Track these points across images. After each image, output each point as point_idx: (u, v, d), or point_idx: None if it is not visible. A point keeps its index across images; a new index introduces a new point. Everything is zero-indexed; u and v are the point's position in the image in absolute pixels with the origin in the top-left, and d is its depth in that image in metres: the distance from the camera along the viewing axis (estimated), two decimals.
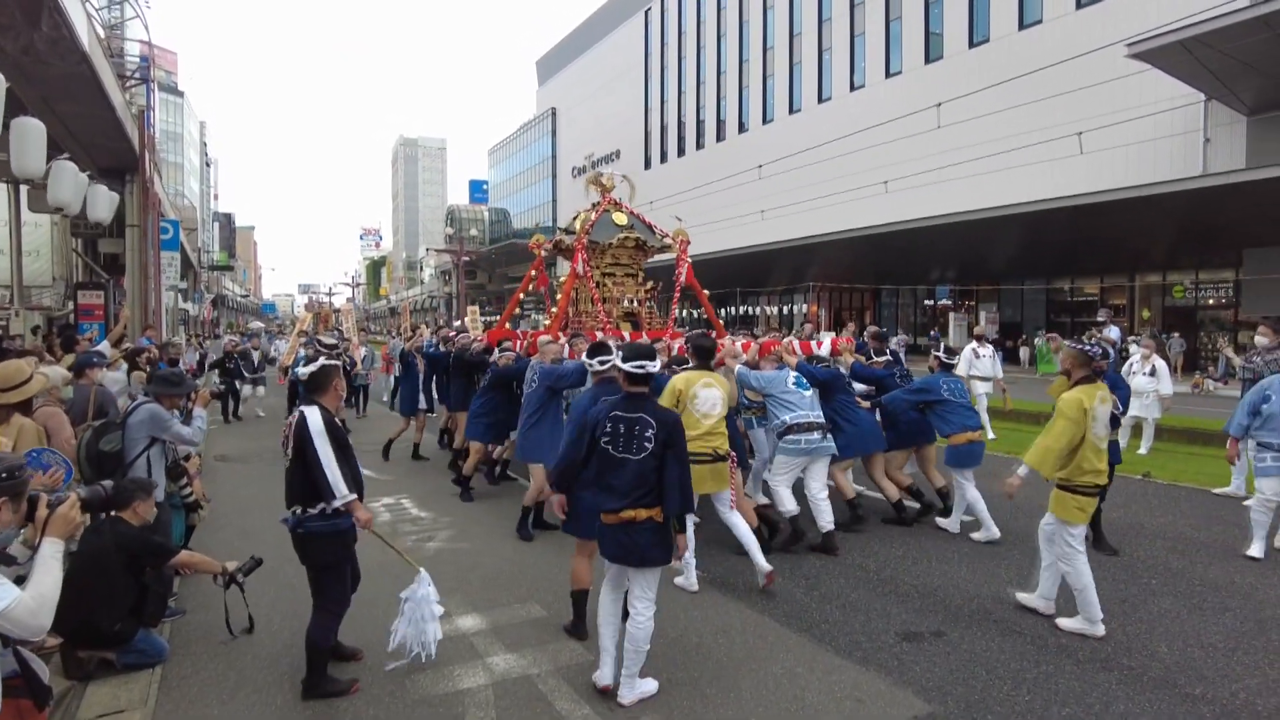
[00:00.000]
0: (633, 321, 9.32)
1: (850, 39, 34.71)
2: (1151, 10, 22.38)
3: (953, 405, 6.64)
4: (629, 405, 3.84)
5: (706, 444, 5.26)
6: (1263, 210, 18.65)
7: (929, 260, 29.81)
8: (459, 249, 44.32)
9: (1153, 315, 25.94)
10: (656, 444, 3.71)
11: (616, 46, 54.01)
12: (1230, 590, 5.28)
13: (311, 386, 4.06)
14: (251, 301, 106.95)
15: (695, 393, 5.31)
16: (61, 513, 2.67)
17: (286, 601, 5.20)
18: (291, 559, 5.71)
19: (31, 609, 2.40)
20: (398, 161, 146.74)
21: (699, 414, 5.27)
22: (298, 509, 3.87)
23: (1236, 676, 4.04)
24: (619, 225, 9.30)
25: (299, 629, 4.73)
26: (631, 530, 3.71)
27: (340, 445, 3.88)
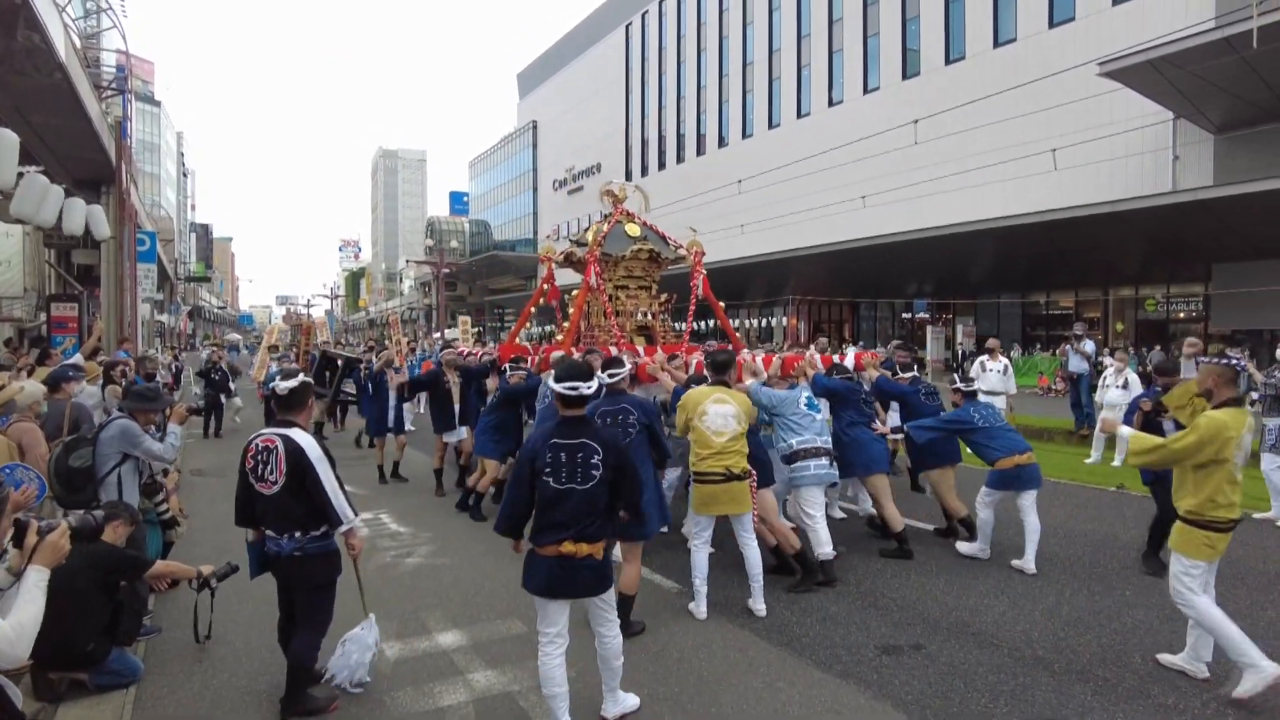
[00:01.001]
0: (646, 335, 9.06)
1: (829, 55, 35.13)
2: (1120, 30, 22.90)
3: (991, 431, 6.29)
4: (567, 431, 3.55)
5: (718, 463, 5.01)
6: (1230, 226, 19.06)
7: (907, 274, 30.13)
8: (439, 261, 44.15)
9: (1126, 328, 26.35)
10: (605, 469, 3.48)
11: (597, 60, 54.30)
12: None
13: (289, 404, 3.96)
14: (229, 313, 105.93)
15: (705, 409, 5.09)
16: (51, 540, 2.64)
17: (264, 618, 5.14)
18: (271, 578, 5.65)
19: (10, 639, 2.37)
20: (377, 173, 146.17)
21: (710, 431, 5.05)
22: (296, 533, 3.78)
23: (1207, 686, 4.10)
24: (632, 237, 9.04)
25: (276, 647, 4.70)
26: (567, 565, 3.45)
27: (334, 467, 3.88)
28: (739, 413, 5.12)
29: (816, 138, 32.24)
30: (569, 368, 3.64)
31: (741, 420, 5.11)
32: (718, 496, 5.05)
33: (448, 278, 58.72)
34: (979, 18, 28.38)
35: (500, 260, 65.65)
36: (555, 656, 3.52)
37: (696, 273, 9.28)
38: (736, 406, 5.14)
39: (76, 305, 16.88)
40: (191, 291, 73.69)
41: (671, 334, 9.43)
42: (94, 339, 9.71)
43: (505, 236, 71.14)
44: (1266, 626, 4.90)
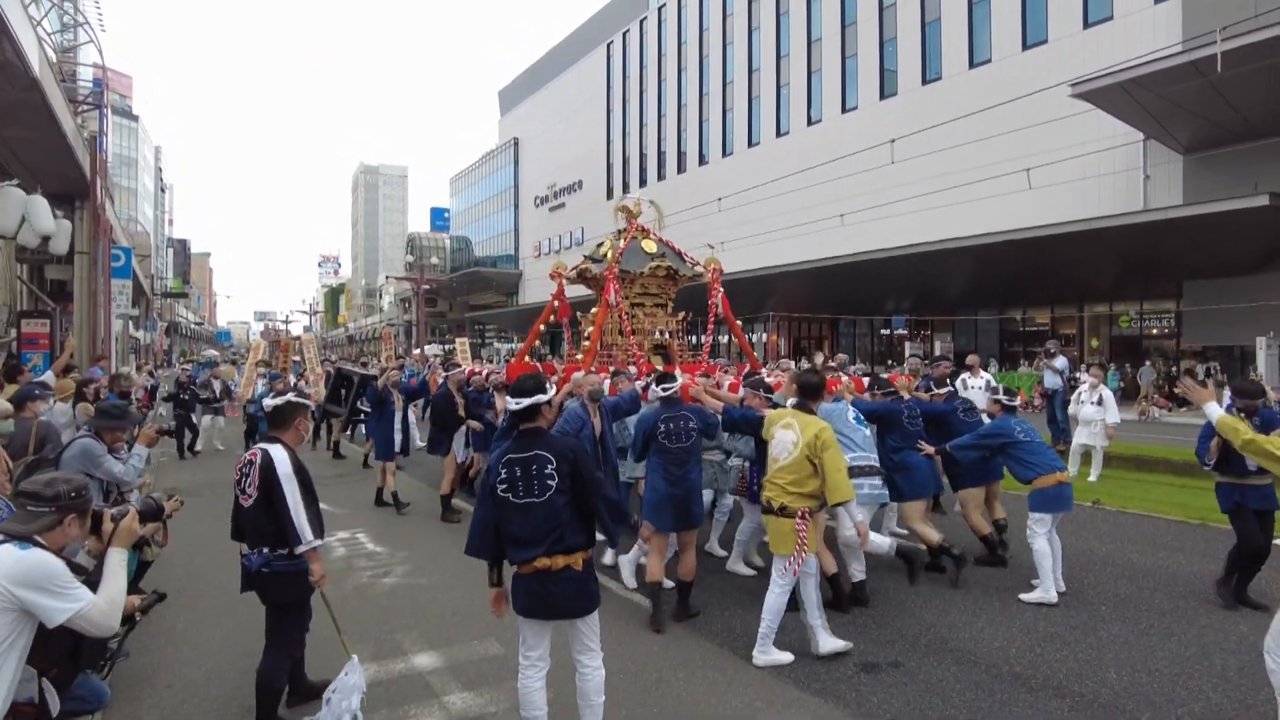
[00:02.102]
0: (663, 354, 8.85)
1: (808, 75, 35.55)
2: (1092, 53, 23.39)
3: (1031, 445, 6.03)
4: (521, 444, 3.48)
5: (768, 491, 4.74)
6: (1199, 244, 19.43)
7: (885, 291, 30.39)
8: (419, 277, 43.98)
9: (1101, 344, 26.71)
10: (561, 479, 3.37)
11: (579, 78, 54.61)
12: (1176, 616, 5.41)
13: (275, 421, 4.00)
14: (206, 329, 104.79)
15: (773, 433, 4.83)
16: (124, 525, 3.12)
17: (236, 643, 5.07)
18: (245, 600, 5.56)
19: (105, 610, 2.83)
20: (358, 189, 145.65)
21: (771, 457, 4.79)
22: (264, 549, 3.79)
23: (1181, 701, 4.14)
24: (649, 253, 8.84)
25: (249, 670, 4.62)
26: (547, 580, 3.34)
27: (306, 487, 3.85)
28: (799, 440, 4.62)
29: (796, 156, 32.56)
30: (519, 383, 3.60)
31: (799, 449, 4.61)
32: (765, 526, 4.84)
33: (428, 294, 58.51)
34: (955, 39, 28.87)
35: (481, 276, 65.56)
36: (535, 680, 3.47)
37: (714, 290, 9.10)
38: (799, 434, 4.64)
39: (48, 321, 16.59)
40: (168, 307, 72.78)
41: (689, 352, 9.23)
42: (65, 355, 9.51)
43: (486, 253, 71.06)
44: None
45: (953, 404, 6.99)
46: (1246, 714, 4.00)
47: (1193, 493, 9.54)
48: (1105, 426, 10.14)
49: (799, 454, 4.59)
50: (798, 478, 4.59)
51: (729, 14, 40.38)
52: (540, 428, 3.55)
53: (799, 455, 4.59)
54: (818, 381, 5.01)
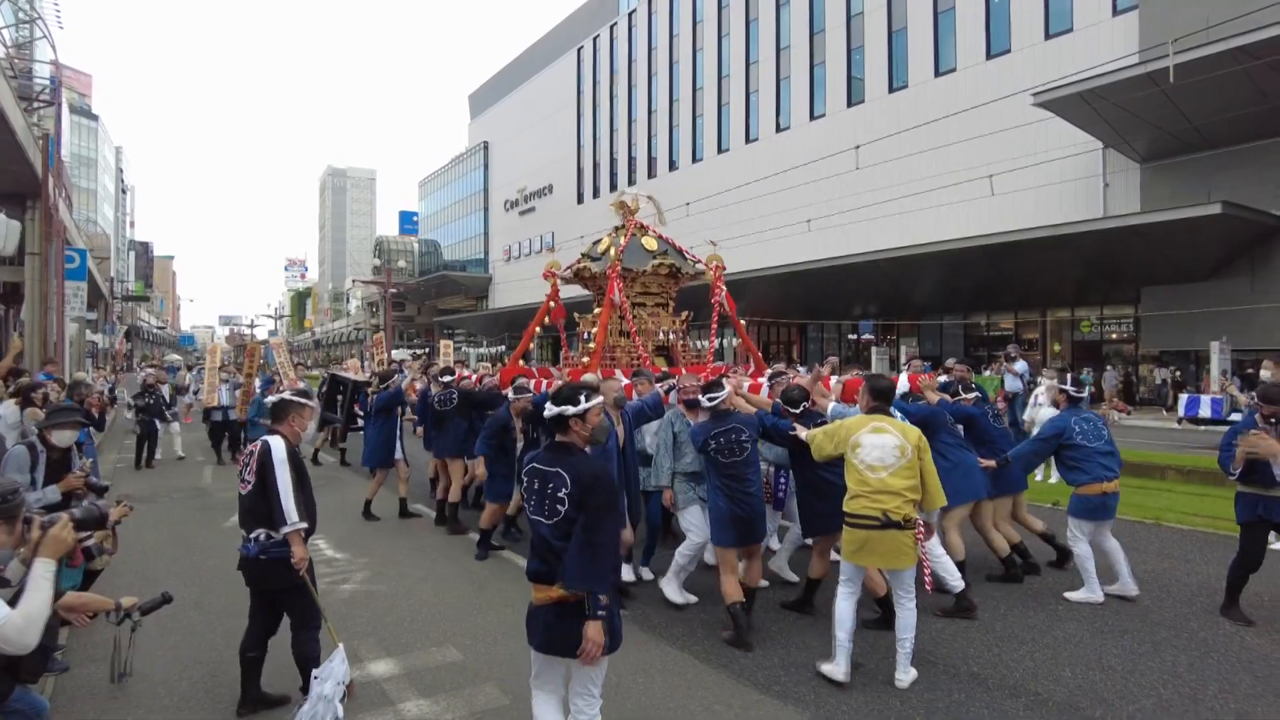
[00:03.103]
0: (666, 356, 8.55)
1: (777, 82, 35.84)
2: (1053, 63, 23.86)
3: (1087, 451, 5.75)
4: (549, 456, 3.22)
5: (874, 504, 4.27)
6: (1157, 251, 19.89)
7: (852, 296, 30.68)
8: (387, 280, 43.50)
9: (1063, 349, 27.18)
10: (571, 505, 3.06)
11: (549, 83, 54.54)
12: (1129, 614, 5.49)
13: (273, 416, 4.23)
14: (169, 333, 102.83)
15: (859, 440, 4.38)
16: (53, 534, 2.84)
17: (188, 650, 4.95)
18: (197, 605, 5.44)
19: (20, 627, 2.61)
20: (326, 191, 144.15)
21: (863, 466, 4.34)
22: (261, 534, 3.96)
23: (1133, 697, 4.19)
24: (650, 251, 8.47)
25: (199, 680, 4.52)
26: (563, 613, 3.05)
27: (300, 476, 4.04)
28: (903, 444, 4.32)
29: (764, 162, 32.82)
30: (556, 390, 3.40)
31: (907, 453, 4.31)
32: (871, 545, 4.32)
33: (396, 298, 57.98)
34: (921, 48, 29.30)
35: (450, 280, 65.11)
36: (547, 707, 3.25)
37: (717, 288, 8.75)
38: (900, 437, 4.35)
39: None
40: (129, 311, 71.33)
41: (692, 354, 8.92)
42: (9, 358, 9.21)
43: (455, 256, 70.63)
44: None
45: (981, 408, 6.64)
46: (1195, 709, 4.06)
47: (1149, 493, 9.72)
48: None
49: (912, 457, 4.30)
50: (914, 482, 4.30)
51: (699, 20, 40.60)
52: (570, 443, 3.24)
53: (912, 458, 4.30)
54: (889, 385, 4.75)
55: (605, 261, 8.37)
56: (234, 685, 4.44)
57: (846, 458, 4.44)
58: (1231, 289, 20.05)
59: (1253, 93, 17.52)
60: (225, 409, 13.68)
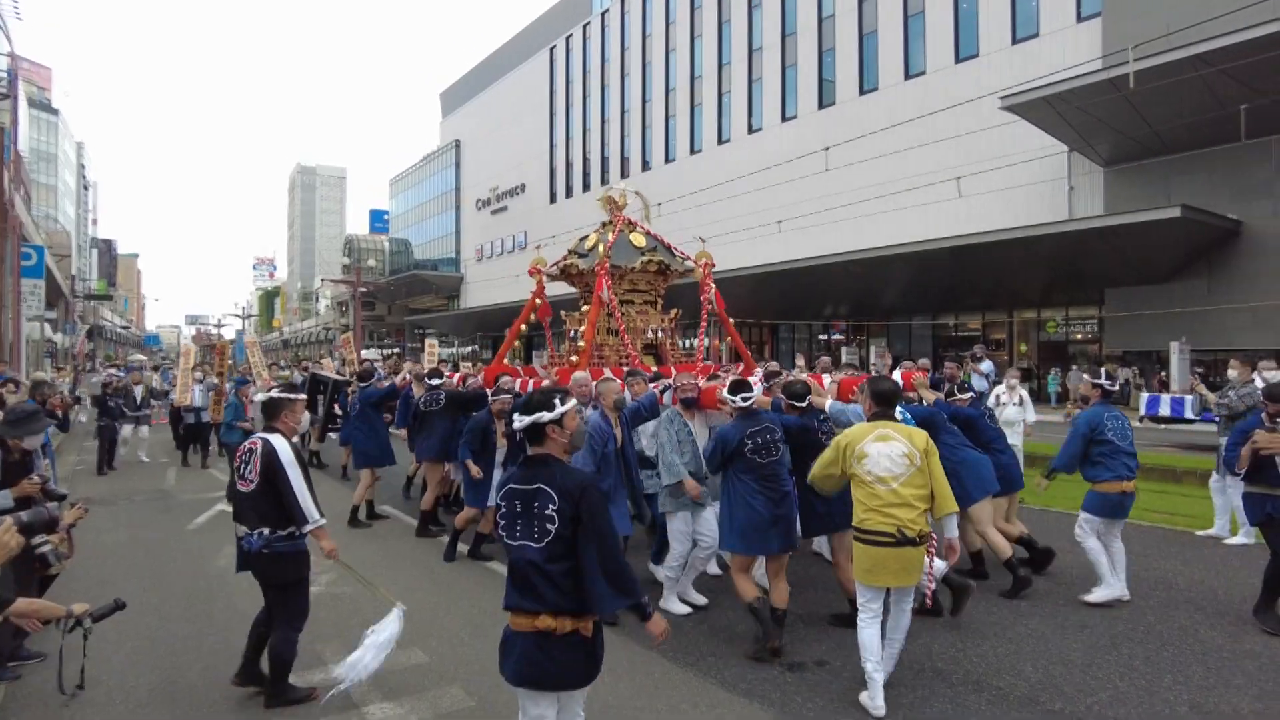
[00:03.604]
0: (655, 354, 8.38)
1: (749, 84, 36.02)
2: (1020, 67, 24.22)
3: (1115, 448, 5.64)
4: (526, 474, 2.91)
5: (888, 519, 3.99)
6: (1120, 253, 20.27)
7: (823, 297, 30.92)
8: (356, 279, 43.03)
9: (1029, 349, 27.61)
10: (562, 522, 2.76)
11: (522, 82, 54.32)
12: (1090, 609, 5.58)
13: (265, 413, 4.32)
14: (133, 333, 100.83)
15: (864, 450, 4.09)
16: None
17: (145, 655, 4.86)
18: (156, 609, 5.35)
19: None
20: (295, 189, 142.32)
21: (871, 479, 4.05)
22: (264, 530, 4.06)
23: (1091, 690, 4.27)
24: (638, 247, 8.27)
25: (156, 685, 4.44)
26: (547, 645, 2.76)
27: (305, 473, 4.15)
28: (911, 451, 4.07)
29: (736, 163, 32.93)
30: (526, 397, 3.06)
31: (916, 460, 4.06)
32: (885, 563, 4.02)
33: (366, 297, 57.42)
34: (891, 51, 29.60)
35: (421, 280, 64.59)
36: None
37: (706, 286, 8.57)
38: (907, 443, 4.09)
39: None
40: (92, 310, 69.84)
41: (681, 353, 8.77)
42: None
43: (427, 255, 70.07)
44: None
45: (978, 408, 6.53)
46: (1150, 700, 4.15)
47: None
48: (1025, 425, 10.40)
49: (921, 463, 4.07)
50: (925, 491, 4.06)
51: (671, 21, 40.68)
52: (548, 455, 2.93)
53: (922, 465, 4.07)
54: (893, 388, 4.48)
55: (593, 258, 8.18)
56: (193, 691, 4.38)
57: (852, 471, 4.13)
58: (1190, 290, 20.51)
59: (1210, 99, 17.92)
60: (198, 410, 13.25)
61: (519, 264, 48.63)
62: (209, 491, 10.77)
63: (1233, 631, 5.13)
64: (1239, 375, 8.11)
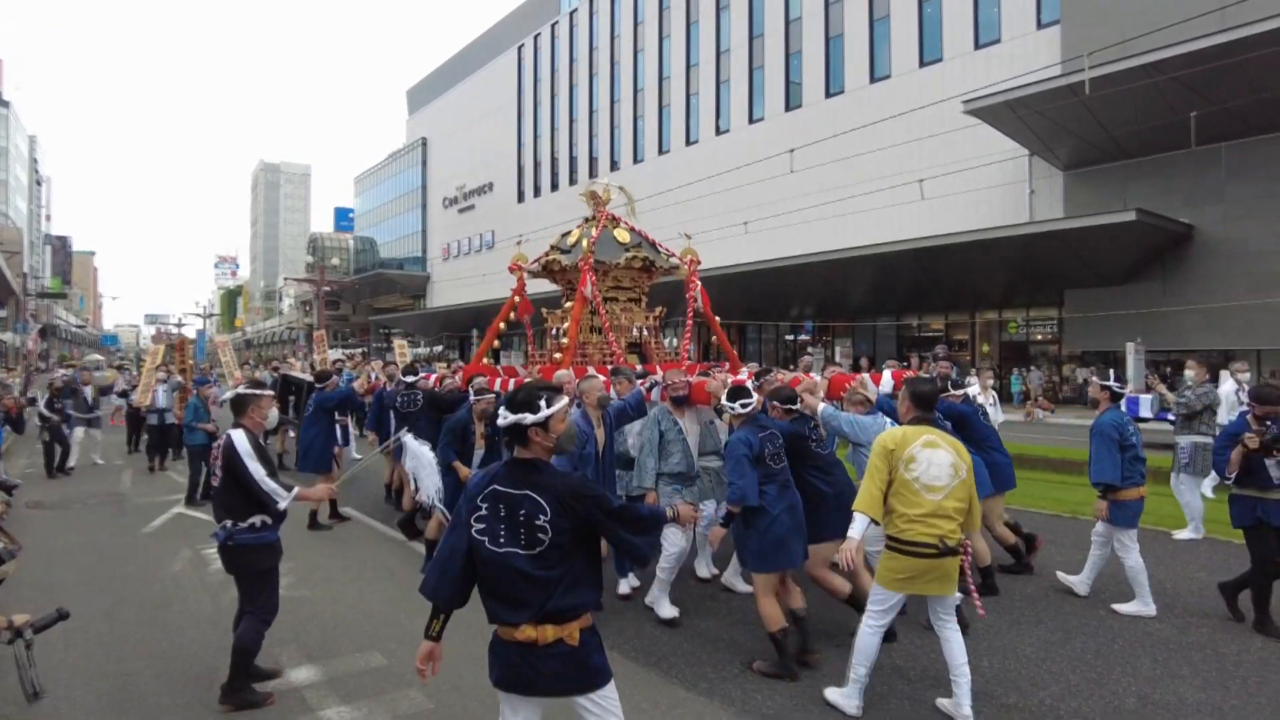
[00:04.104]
0: (639, 353, 8.20)
1: (716, 85, 36.19)
2: (982, 72, 24.65)
3: (1133, 454, 5.48)
4: (513, 476, 2.69)
5: (931, 529, 3.79)
6: (1079, 255, 20.72)
7: (790, 297, 31.17)
8: (320, 278, 42.42)
9: (991, 349, 28.09)
10: (558, 532, 2.59)
11: (490, 80, 54.00)
12: (1044, 604, 5.69)
13: (233, 410, 4.42)
14: (90, 332, 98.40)
15: (913, 454, 3.85)
16: None
17: (95, 662, 4.75)
18: (108, 614, 5.25)
19: None
20: (258, 187, 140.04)
21: (919, 485, 3.83)
22: (228, 523, 4.16)
23: (1044, 684, 4.35)
24: (622, 244, 8.07)
25: (105, 693, 4.35)
26: (532, 655, 2.59)
27: (267, 463, 4.23)
28: (957, 462, 3.88)
29: (704, 164, 33.08)
30: (510, 394, 2.82)
31: (961, 472, 3.88)
32: (925, 573, 3.85)
33: (330, 296, 56.67)
34: (857, 55, 29.93)
35: (386, 279, 63.93)
36: None
37: (692, 284, 8.43)
38: (954, 454, 3.89)
39: None
40: (45, 309, 68.06)
41: (666, 352, 8.59)
42: None
43: (392, 254, 69.35)
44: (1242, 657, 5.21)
45: (971, 406, 6.37)
46: (1099, 691, 4.25)
47: (1067, 488, 10.10)
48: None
49: (966, 476, 3.88)
50: (965, 505, 3.88)
51: (640, 21, 40.72)
52: (535, 460, 2.72)
53: (966, 478, 3.88)
54: (934, 389, 4.21)
55: (576, 254, 7.98)
56: (144, 697, 4.28)
57: (897, 475, 3.86)
58: (1145, 292, 21.02)
59: (1162, 106, 18.38)
60: (162, 411, 12.76)
61: (486, 263, 48.36)
62: (166, 494, 10.55)
63: (1180, 624, 5.26)
64: (1196, 375, 8.18)
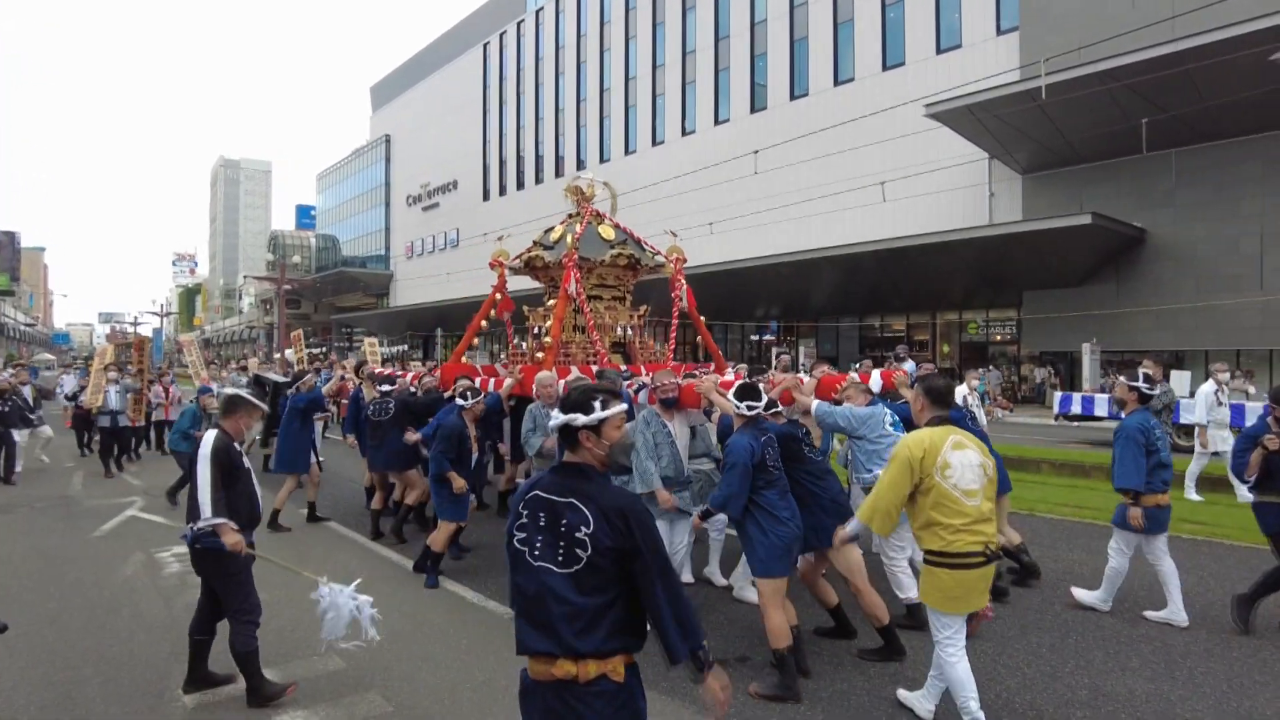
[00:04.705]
0: (622, 353, 8.02)
1: (682, 86, 36.29)
2: (943, 76, 25.03)
3: (1160, 459, 5.19)
4: (559, 482, 2.39)
5: (977, 536, 3.53)
6: (1037, 257, 21.16)
7: (755, 298, 31.38)
8: (281, 277, 41.68)
9: (952, 349, 28.55)
10: (597, 550, 2.25)
11: (455, 77, 53.57)
12: (1000, 601, 5.78)
13: (222, 410, 4.39)
14: (40, 331, 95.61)
15: (947, 460, 3.57)
16: None
17: (39, 671, 4.61)
18: (53, 621, 5.13)
19: None
20: (218, 183, 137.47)
21: (959, 493, 3.54)
22: (192, 525, 4.06)
23: (1000, 678, 4.43)
24: (607, 240, 7.85)
25: (50, 702, 4.25)
26: (569, 695, 2.24)
27: (226, 470, 4.10)
28: (984, 461, 3.66)
29: (670, 165, 33.19)
30: (573, 391, 2.50)
31: (989, 470, 3.67)
32: (975, 586, 3.58)
33: (292, 295, 55.73)
34: (821, 57, 30.23)
35: (349, 277, 63.12)
36: None
37: (677, 282, 8.25)
38: (979, 453, 3.67)
39: None
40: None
41: (652, 352, 8.42)
42: None
43: (355, 252, 68.49)
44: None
45: (959, 410, 5.93)
46: (1053, 685, 4.33)
47: (1025, 486, 10.29)
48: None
49: (992, 474, 3.68)
50: (993, 505, 3.66)
51: (606, 21, 40.70)
52: (585, 465, 2.42)
53: (992, 475, 3.68)
54: (949, 385, 3.91)
55: (560, 250, 7.75)
56: (90, 706, 4.17)
57: (931, 484, 3.57)
58: (1100, 294, 21.53)
59: (1116, 112, 18.83)
60: (114, 413, 12.18)
61: (450, 262, 47.96)
62: (118, 497, 10.28)
63: (1131, 618, 5.38)
64: (1153, 374, 8.27)
